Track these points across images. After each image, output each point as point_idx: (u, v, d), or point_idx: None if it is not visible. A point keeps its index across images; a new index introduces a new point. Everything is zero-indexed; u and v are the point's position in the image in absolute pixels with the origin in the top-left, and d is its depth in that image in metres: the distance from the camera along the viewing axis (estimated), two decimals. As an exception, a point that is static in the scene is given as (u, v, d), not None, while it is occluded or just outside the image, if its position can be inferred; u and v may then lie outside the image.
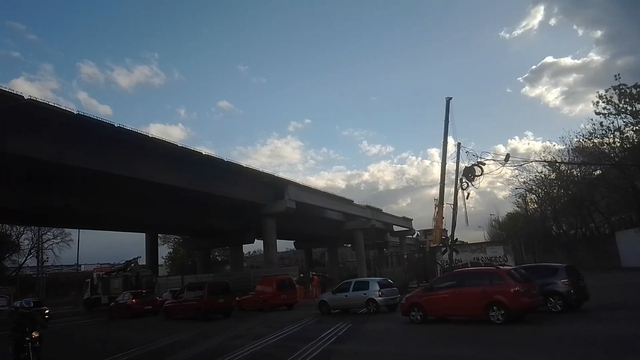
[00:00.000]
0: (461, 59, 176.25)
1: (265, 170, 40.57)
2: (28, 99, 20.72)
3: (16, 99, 20.51)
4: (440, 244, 35.45)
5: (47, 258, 61.37)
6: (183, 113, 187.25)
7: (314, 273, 46.29)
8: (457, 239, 34.49)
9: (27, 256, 60.67)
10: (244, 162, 51.51)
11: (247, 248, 65.54)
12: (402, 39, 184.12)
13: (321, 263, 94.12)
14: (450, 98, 34.34)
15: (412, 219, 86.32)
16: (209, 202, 36.76)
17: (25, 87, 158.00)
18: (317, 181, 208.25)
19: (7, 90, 20.40)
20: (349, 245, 78.84)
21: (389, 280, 21.86)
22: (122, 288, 35.41)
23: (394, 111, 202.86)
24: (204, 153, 31.98)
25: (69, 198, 28.76)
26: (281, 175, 43.51)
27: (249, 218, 41.65)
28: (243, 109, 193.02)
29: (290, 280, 27.92)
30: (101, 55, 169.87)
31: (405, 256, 48.67)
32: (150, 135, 27.80)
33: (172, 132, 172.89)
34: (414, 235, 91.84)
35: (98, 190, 29.48)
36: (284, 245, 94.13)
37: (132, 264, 38.16)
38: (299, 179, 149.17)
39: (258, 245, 67.10)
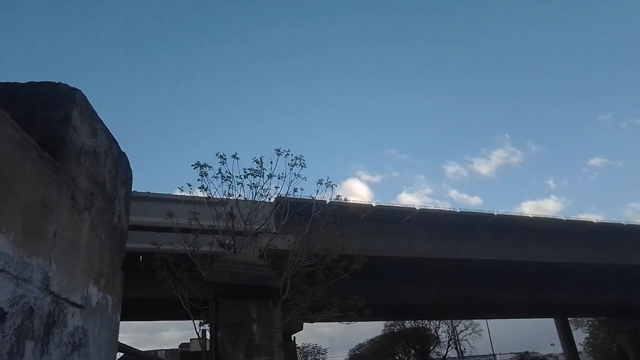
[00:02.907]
0: None
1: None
2: (419, 208, 24.53)
3: (410, 211, 24.62)
4: None
5: (464, 349, 64.91)
6: (551, 183, 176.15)
7: None
8: None
9: (448, 348, 65.98)
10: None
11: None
12: None
13: None
14: None
15: None
16: (615, 274, 31.89)
17: (408, 199, 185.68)
18: None
19: (403, 206, 24.91)
20: None
21: None
22: None
23: None
24: (595, 221, 28.85)
25: (470, 290, 30.66)
26: None
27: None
28: (621, 160, 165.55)
29: None
30: (459, 153, 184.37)
31: None
32: (531, 216, 27.62)
33: (546, 206, 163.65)
34: None
35: (494, 279, 30.31)
36: None
37: (526, 358, 37.55)
38: None
39: None
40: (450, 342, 64.29)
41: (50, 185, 1.67)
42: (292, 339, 28.25)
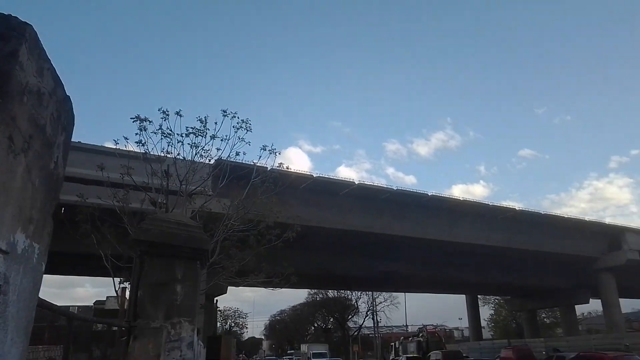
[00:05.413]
0: None
1: (591, 218, 35.80)
2: (358, 183, 25.07)
3: (349, 185, 25.11)
4: None
5: (380, 319, 68.21)
6: (483, 170, 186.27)
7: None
8: None
9: (365, 318, 68.99)
10: (558, 211, 46.85)
11: (581, 309, 57.33)
12: None
13: (690, 328, 73.04)
14: None
15: None
16: (527, 258, 34.61)
17: (346, 172, 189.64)
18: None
19: (342, 179, 25.30)
20: None
21: None
22: (416, 351, 38.17)
23: None
24: (517, 208, 30.92)
25: (395, 264, 32.09)
26: (609, 221, 37.59)
27: (579, 274, 36.93)
28: (549, 153, 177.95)
29: (529, 352, 29.14)
30: (401, 131, 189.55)
31: None
32: (461, 199, 29.05)
33: (474, 191, 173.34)
34: None
35: (419, 256, 31.85)
36: (630, 304, 77.64)
37: (423, 331, 41.25)
38: (634, 222, 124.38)
39: (595, 305, 57.67)
40: (368, 313, 67.12)
41: (-14, 122, 1.53)
42: (215, 301, 28.32)
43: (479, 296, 57.17)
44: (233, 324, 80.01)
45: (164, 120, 11.43)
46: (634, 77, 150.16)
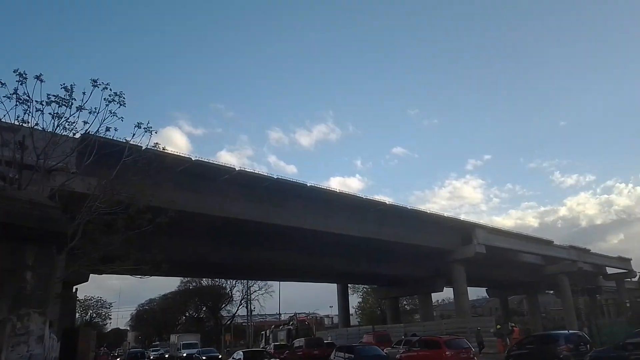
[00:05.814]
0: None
1: (449, 215, 39.69)
2: (239, 169, 24.58)
3: (229, 170, 24.52)
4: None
5: (254, 308, 68.41)
6: (359, 164, 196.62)
7: (513, 325, 42.27)
8: None
9: (239, 306, 68.65)
10: (423, 207, 51.42)
11: (436, 296, 63.64)
12: (590, 52, 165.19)
13: (519, 312, 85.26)
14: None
15: (630, 259, 73.14)
16: (394, 250, 37.17)
17: (227, 158, 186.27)
18: (504, 221, 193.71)
19: (223, 164, 24.61)
20: (552, 291, 70.09)
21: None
22: (286, 339, 39.64)
23: (589, 135, 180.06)
24: (387, 202, 32.89)
25: (272, 253, 32.25)
26: (464, 217, 42.08)
27: (437, 265, 40.73)
28: (418, 152, 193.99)
29: (387, 336, 33.12)
30: (285, 120, 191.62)
31: (628, 304, 41.21)
32: (338, 191, 30.02)
33: (351, 184, 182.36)
34: (636, 278, 77.01)
35: (294, 245, 32.36)
36: (475, 292, 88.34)
37: (293, 320, 43.61)
38: (483, 219, 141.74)
39: (448, 293, 64.43)
40: (242, 301, 66.88)
41: None
42: (74, 290, 26.02)
43: (349, 285, 60.15)
44: (95, 315, 74.18)
45: (21, 84, 9.92)
46: (494, 88, 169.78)
